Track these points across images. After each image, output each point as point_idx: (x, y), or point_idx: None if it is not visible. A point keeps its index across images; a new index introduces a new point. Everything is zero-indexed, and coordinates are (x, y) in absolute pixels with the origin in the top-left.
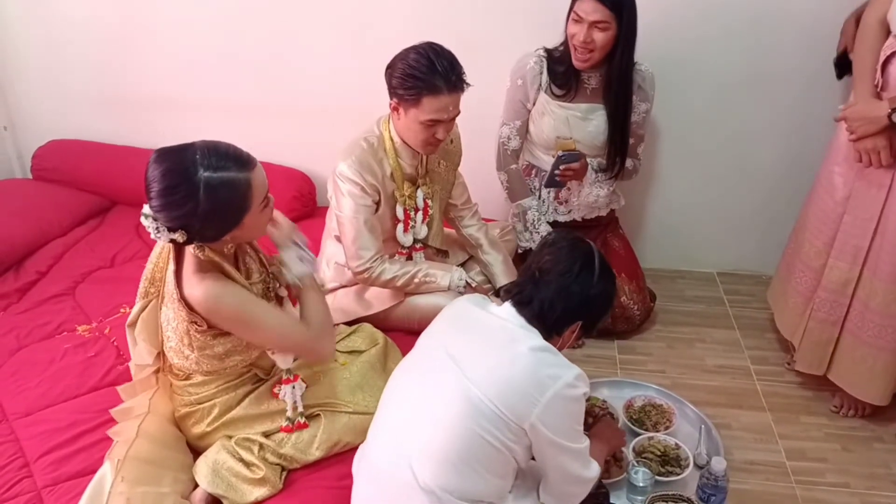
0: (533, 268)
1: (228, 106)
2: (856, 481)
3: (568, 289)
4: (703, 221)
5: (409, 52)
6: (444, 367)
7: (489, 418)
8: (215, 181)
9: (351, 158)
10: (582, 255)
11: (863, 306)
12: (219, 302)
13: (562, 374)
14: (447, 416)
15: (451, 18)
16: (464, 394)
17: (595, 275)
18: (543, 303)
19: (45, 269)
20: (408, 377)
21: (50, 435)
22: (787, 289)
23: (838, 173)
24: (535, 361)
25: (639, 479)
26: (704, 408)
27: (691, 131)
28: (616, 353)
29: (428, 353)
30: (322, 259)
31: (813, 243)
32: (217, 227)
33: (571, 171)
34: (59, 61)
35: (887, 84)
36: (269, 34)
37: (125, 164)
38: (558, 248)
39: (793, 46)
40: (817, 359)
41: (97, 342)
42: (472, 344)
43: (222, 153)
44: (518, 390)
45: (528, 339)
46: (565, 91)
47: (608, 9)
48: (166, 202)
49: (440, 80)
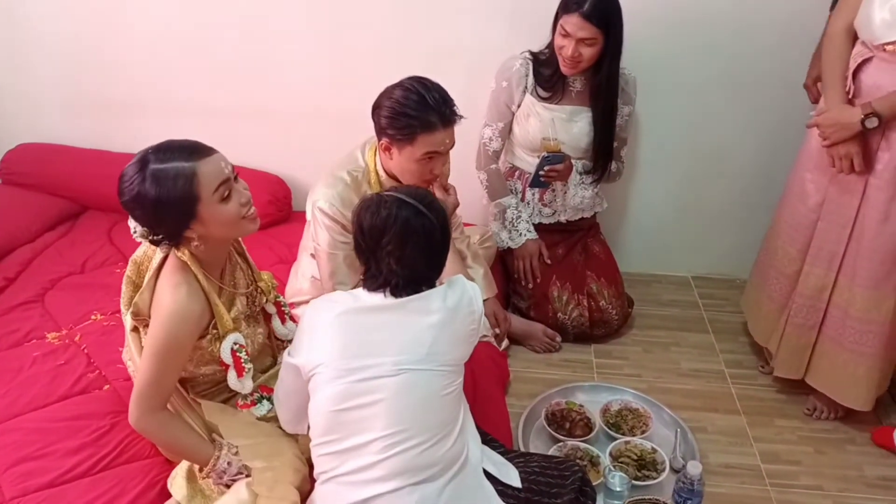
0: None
1: (203, 109)
2: (829, 483)
3: (437, 252)
4: (678, 226)
5: (394, 90)
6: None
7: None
8: (158, 171)
9: (332, 193)
10: (422, 225)
11: (842, 313)
12: (167, 310)
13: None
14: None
15: (431, 20)
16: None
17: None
18: (416, 271)
19: (14, 275)
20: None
21: (18, 445)
22: (761, 296)
23: (810, 180)
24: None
25: (615, 483)
26: (680, 411)
27: (666, 136)
28: (593, 357)
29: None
30: (298, 269)
31: (787, 250)
32: (170, 219)
33: (556, 171)
34: (28, 63)
35: (859, 91)
36: (244, 37)
37: (96, 169)
38: (396, 232)
39: (769, 53)
40: (795, 364)
41: (67, 350)
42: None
43: (174, 147)
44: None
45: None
46: (551, 94)
47: (595, 26)
48: (125, 198)
49: (433, 116)
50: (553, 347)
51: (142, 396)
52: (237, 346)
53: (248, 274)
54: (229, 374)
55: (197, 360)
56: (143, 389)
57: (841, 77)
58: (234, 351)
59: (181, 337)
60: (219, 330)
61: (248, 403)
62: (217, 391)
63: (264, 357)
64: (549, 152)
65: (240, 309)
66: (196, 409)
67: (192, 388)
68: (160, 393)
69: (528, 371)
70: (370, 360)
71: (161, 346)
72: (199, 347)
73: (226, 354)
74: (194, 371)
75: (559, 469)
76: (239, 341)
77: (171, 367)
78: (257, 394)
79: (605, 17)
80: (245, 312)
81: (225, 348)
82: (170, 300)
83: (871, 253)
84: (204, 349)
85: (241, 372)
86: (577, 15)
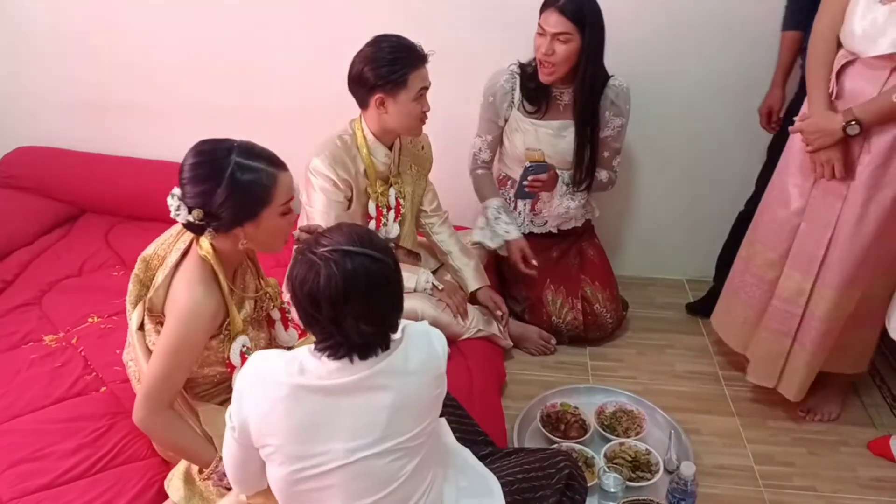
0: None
1: (202, 112)
2: (822, 485)
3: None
4: (672, 229)
5: (367, 49)
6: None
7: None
8: (242, 166)
9: (324, 153)
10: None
11: (810, 315)
12: (183, 308)
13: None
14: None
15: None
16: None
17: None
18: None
19: (11, 278)
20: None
21: (16, 447)
22: (735, 304)
23: (793, 184)
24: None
25: (610, 484)
26: (674, 413)
27: (660, 141)
28: (588, 359)
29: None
30: None
31: (766, 255)
32: (234, 211)
33: (540, 182)
34: (26, 66)
35: (842, 92)
36: (241, 40)
37: (94, 172)
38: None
39: (762, 58)
40: (768, 371)
41: (64, 352)
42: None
43: (257, 150)
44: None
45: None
46: (536, 108)
47: (570, 21)
48: (192, 175)
49: (414, 55)
50: (548, 350)
51: (149, 394)
52: (245, 349)
53: (257, 279)
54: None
55: (203, 361)
56: (151, 387)
57: (825, 80)
58: (243, 353)
59: (196, 335)
60: (230, 331)
61: None
62: (216, 392)
63: None
64: (532, 162)
65: (248, 312)
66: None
67: (192, 390)
68: (168, 391)
69: (523, 373)
70: (321, 447)
71: (175, 344)
72: (209, 347)
73: (235, 356)
74: (198, 372)
75: (544, 469)
76: (247, 343)
77: (182, 365)
78: None
79: (580, 12)
80: (251, 316)
81: (235, 350)
82: (186, 298)
83: (841, 256)
84: (213, 349)
85: None
86: (552, 9)
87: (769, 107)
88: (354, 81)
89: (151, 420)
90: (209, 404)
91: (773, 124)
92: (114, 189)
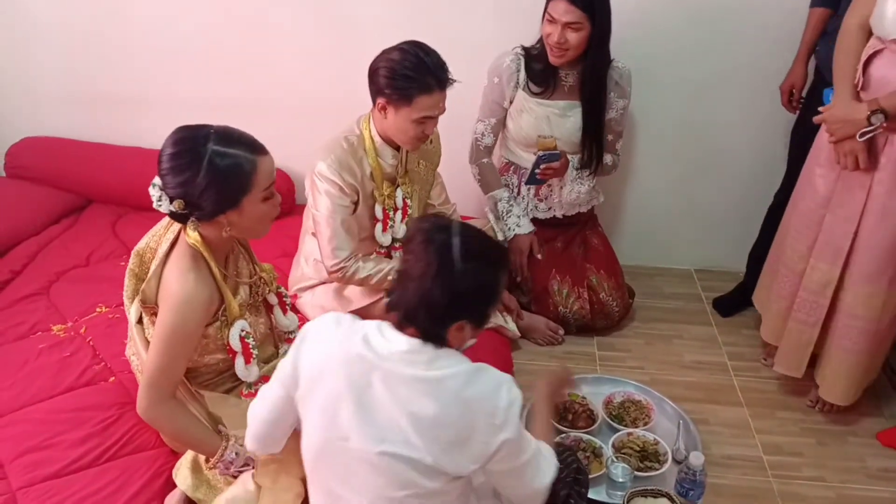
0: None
1: (206, 103)
2: (831, 475)
3: (429, 292)
4: (681, 219)
5: (392, 52)
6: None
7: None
8: (220, 154)
9: (330, 158)
10: (437, 248)
11: (835, 308)
12: (176, 297)
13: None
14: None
15: (429, 17)
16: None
17: (456, 269)
18: (409, 311)
19: (20, 268)
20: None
21: (25, 436)
22: (770, 296)
23: (819, 174)
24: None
25: (618, 474)
26: (682, 403)
27: (669, 130)
28: (595, 349)
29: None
30: (300, 256)
31: (795, 247)
32: (215, 200)
33: (552, 170)
34: (32, 57)
35: (868, 83)
36: (246, 31)
37: (100, 162)
38: (415, 244)
39: (770, 46)
40: (796, 361)
41: (72, 342)
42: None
43: (235, 136)
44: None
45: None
46: (543, 88)
47: (581, 10)
48: (171, 166)
49: (431, 78)
50: (556, 340)
51: (151, 385)
52: (245, 333)
53: (250, 264)
54: (237, 361)
55: (203, 349)
56: (152, 378)
57: (851, 72)
58: (242, 338)
59: (190, 323)
60: (227, 317)
61: (252, 393)
62: (220, 381)
63: (267, 347)
64: (545, 149)
65: (243, 298)
66: (200, 400)
67: (195, 379)
68: (169, 381)
69: (531, 363)
70: (354, 422)
71: (170, 333)
72: (206, 335)
73: (234, 341)
74: (199, 360)
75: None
76: (246, 328)
77: (181, 354)
78: (261, 384)
79: (590, 1)
80: (248, 302)
81: (234, 335)
82: (178, 287)
83: (869, 248)
84: (211, 337)
85: (250, 358)
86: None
87: (791, 84)
88: (370, 76)
89: (155, 410)
90: (215, 392)
91: (793, 103)
92: (121, 179)
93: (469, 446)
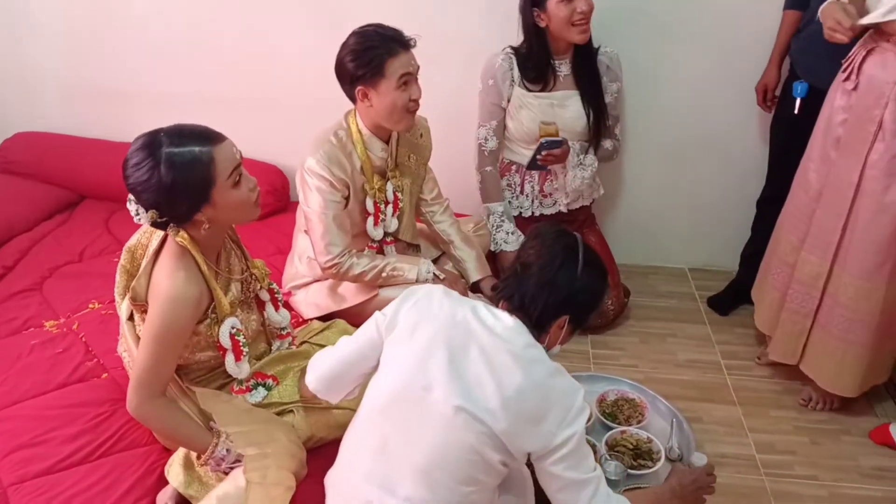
0: (517, 261)
1: (201, 99)
2: (824, 473)
3: (550, 282)
4: (675, 218)
5: (348, 40)
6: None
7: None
8: (174, 155)
9: (319, 153)
10: (564, 247)
11: (832, 301)
12: (166, 295)
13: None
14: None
15: (426, 16)
16: (463, 424)
17: (578, 267)
18: (525, 297)
19: (12, 263)
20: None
21: (16, 432)
22: (765, 287)
23: (812, 169)
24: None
25: (611, 472)
26: (676, 402)
27: (663, 129)
28: (589, 347)
29: (413, 378)
30: (294, 253)
31: (789, 240)
32: (184, 202)
33: (553, 156)
34: (25, 52)
35: (860, 84)
36: (242, 27)
37: (94, 158)
38: (542, 240)
39: (764, 45)
40: (790, 349)
41: (65, 338)
42: (472, 366)
43: (186, 132)
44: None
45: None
46: (542, 83)
47: None
48: (135, 179)
49: (392, 42)
50: None
51: (141, 383)
52: (235, 330)
53: (242, 260)
54: (227, 359)
55: (193, 347)
56: (141, 375)
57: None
58: (233, 335)
59: (180, 321)
60: (217, 314)
61: (244, 389)
62: (212, 377)
63: (258, 344)
64: (548, 136)
65: (235, 294)
66: (191, 396)
67: (187, 376)
68: (159, 379)
69: None
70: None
71: (160, 331)
72: (197, 333)
73: (224, 338)
74: (190, 358)
75: None
76: (236, 325)
77: (170, 352)
78: (252, 381)
79: None
80: (239, 298)
81: (224, 332)
82: (168, 285)
83: (864, 244)
84: (202, 334)
85: (240, 356)
86: None
87: (765, 85)
88: (338, 76)
89: (145, 408)
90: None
91: (768, 102)
92: (114, 175)
93: (538, 428)
